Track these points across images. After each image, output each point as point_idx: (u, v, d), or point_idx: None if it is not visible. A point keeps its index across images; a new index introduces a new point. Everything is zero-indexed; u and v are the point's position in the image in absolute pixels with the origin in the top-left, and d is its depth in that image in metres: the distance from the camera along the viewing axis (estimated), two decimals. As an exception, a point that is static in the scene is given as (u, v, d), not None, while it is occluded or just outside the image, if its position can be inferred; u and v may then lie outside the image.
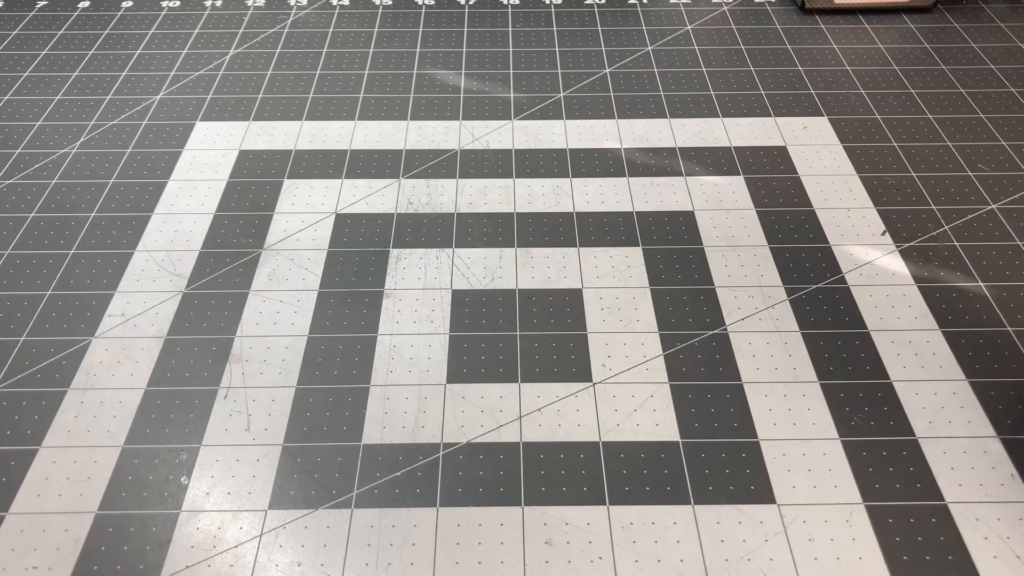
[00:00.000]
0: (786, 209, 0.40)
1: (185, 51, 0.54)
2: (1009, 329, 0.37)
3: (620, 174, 0.42)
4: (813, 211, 0.40)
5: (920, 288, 0.36)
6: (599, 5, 0.58)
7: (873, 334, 0.34)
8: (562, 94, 0.49)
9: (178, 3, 0.58)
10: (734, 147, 0.44)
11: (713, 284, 0.36)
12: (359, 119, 0.47)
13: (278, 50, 0.53)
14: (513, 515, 0.28)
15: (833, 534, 0.27)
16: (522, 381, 0.32)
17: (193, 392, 0.32)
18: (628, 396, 0.32)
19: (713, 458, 0.29)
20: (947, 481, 0.29)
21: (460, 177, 0.43)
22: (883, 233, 0.39)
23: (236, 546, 0.27)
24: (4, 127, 0.47)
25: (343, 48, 0.54)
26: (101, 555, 0.27)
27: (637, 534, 0.27)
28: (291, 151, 0.44)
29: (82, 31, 0.56)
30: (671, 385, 0.32)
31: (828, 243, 0.38)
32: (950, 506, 0.28)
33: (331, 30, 0.56)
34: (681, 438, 0.30)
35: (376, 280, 0.36)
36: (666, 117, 0.47)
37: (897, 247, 0.38)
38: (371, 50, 0.54)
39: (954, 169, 0.43)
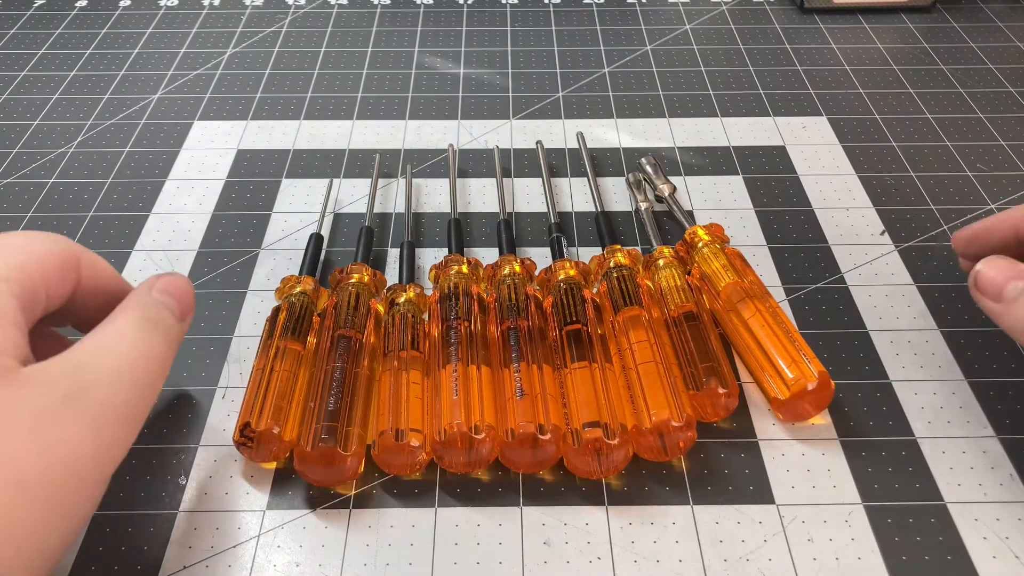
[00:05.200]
0: (785, 209, 0.40)
1: (183, 50, 0.53)
2: (1008, 329, 0.37)
3: (619, 173, 0.42)
4: (812, 211, 0.40)
5: (919, 288, 0.36)
6: (598, 4, 0.58)
7: (872, 334, 0.34)
8: (560, 93, 0.49)
9: (176, 2, 0.58)
10: (733, 146, 0.44)
11: (712, 284, 0.36)
12: (357, 118, 0.47)
13: (276, 49, 0.53)
14: (511, 515, 0.28)
15: (832, 534, 0.27)
16: (521, 381, 0.33)
17: (191, 392, 0.32)
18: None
19: (712, 458, 0.29)
20: (946, 481, 0.29)
21: (459, 176, 0.43)
22: (882, 233, 0.39)
23: (234, 546, 0.27)
24: (1, 127, 0.47)
25: (341, 48, 0.54)
26: (99, 555, 0.27)
27: (636, 534, 0.27)
28: (289, 150, 0.44)
29: (80, 30, 0.56)
30: (670, 385, 0.32)
31: (827, 243, 0.38)
32: (949, 506, 0.28)
33: (329, 29, 0.56)
34: (680, 438, 0.30)
35: (374, 280, 0.37)
36: (665, 116, 0.47)
37: (896, 247, 0.38)
38: (369, 50, 0.54)
39: (953, 169, 0.43)
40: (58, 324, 0.28)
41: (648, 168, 0.40)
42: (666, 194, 0.38)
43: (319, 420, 0.26)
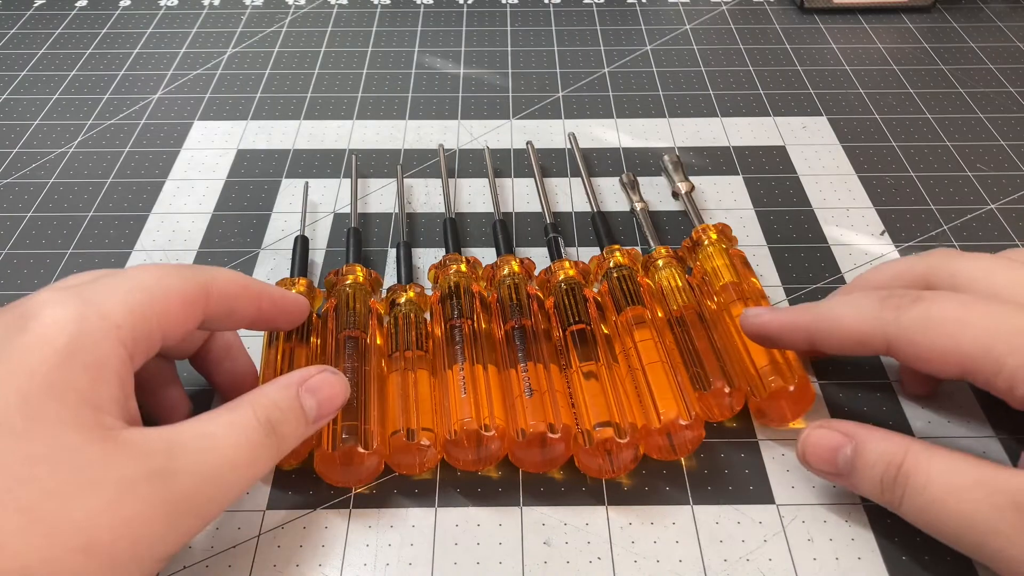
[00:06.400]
0: (785, 209, 0.40)
1: (183, 50, 0.53)
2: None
3: (619, 173, 0.42)
4: (812, 211, 0.40)
5: (919, 288, 0.36)
6: (598, 4, 0.58)
7: (872, 334, 0.34)
8: (560, 93, 0.49)
9: (176, 2, 0.58)
10: (733, 146, 0.44)
11: (712, 284, 0.36)
12: (357, 118, 0.47)
13: (276, 49, 0.53)
14: (511, 515, 0.28)
15: (832, 534, 0.27)
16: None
17: (193, 392, 0.32)
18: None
19: (712, 458, 0.29)
20: (946, 481, 0.29)
21: (459, 176, 0.43)
22: (882, 233, 0.39)
23: (234, 546, 0.27)
24: (1, 127, 0.47)
25: (341, 48, 0.54)
26: (98, 555, 0.27)
27: (636, 534, 0.27)
28: (289, 150, 0.44)
29: (79, 30, 0.56)
30: (670, 385, 0.32)
31: (827, 243, 0.38)
32: (949, 506, 0.28)
33: (329, 29, 0.56)
34: (680, 438, 0.30)
35: (374, 280, 0.37)
36: (665, 116, 0.47)
37: (896, 247, 0.38)
38: (369, 50, 0.54)
39: (953, 169, 0.43)
40: (188, 351, 0.28)
41: (668, 165, 0.40)
42: (683, 191, 0.38)
43: (339, 420, 0.26)
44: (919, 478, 0.22)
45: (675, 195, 0.39)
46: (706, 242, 0.34)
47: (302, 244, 0.36)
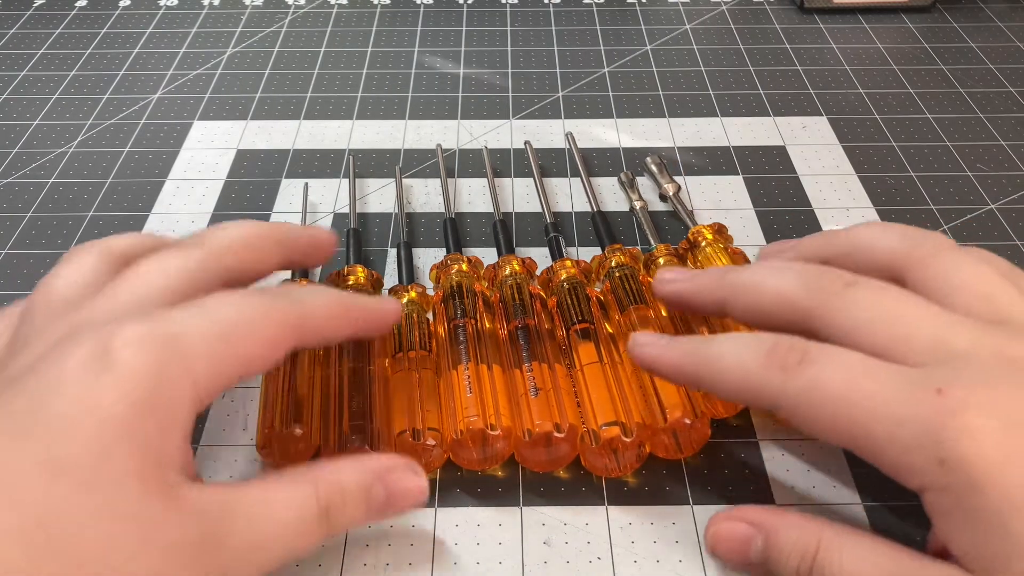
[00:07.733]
0: (785, 209, 0.40)
1: (183, 50, 0.53)
2: (1008, 329, 0.37)
3: (618, 173, 0.42)
4: (812, 211, 0.40)
5: (919, 288, 0.36)
6: (598, 4, 0.58)
7: (872, 334, 0.34)
8: (560, 93, 0.49)
9: (176, 2, 0.58)
10: (733, 146, 0.44)
11: (712, 284, 0.36)
12: (357, 118, 0.47)
13: (276, 49, 0.53)
14: (511, 515, 0.28)
15: (832, 534, 0.27)
16: (521, 381, 0.33)
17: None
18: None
19: (712, 458, 0.29)
20: (946, 481, 0.29)
21: (459, 176, 0.43)
22: (882, 233, 0.39)
23: (234, 546, 0.27)
24: (1, 127, 0.47)
25: (341, 47, 0.54)
26: (98, 555, 0.27)
27: (636, 534, 0.27)
28: (289, 150, 0.44)
29: (79, 30, 0.56)
30: (670, 385, 0.32)
31: (827, 243, 0.38)
32: (949, 506, 0.28)
33: (329, 29, 0.56)
34: (680, 438, 0.30)
35: (374, 280, 0.37)
36: (665, 116, 0.47)
37: (896, 247, 0.38)
38: (369, 49, 0.54)
39: (953, 169, 0.43)
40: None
41: (653, 167, 0.40)
42: (670, 193, 0.38)
43: (345, 420, 0.26)
44: (832, 569, 0.21)
45: (662, 198, 0.39)
46: (703, 243, 0.34)
47: (302, 244, 0.36)
